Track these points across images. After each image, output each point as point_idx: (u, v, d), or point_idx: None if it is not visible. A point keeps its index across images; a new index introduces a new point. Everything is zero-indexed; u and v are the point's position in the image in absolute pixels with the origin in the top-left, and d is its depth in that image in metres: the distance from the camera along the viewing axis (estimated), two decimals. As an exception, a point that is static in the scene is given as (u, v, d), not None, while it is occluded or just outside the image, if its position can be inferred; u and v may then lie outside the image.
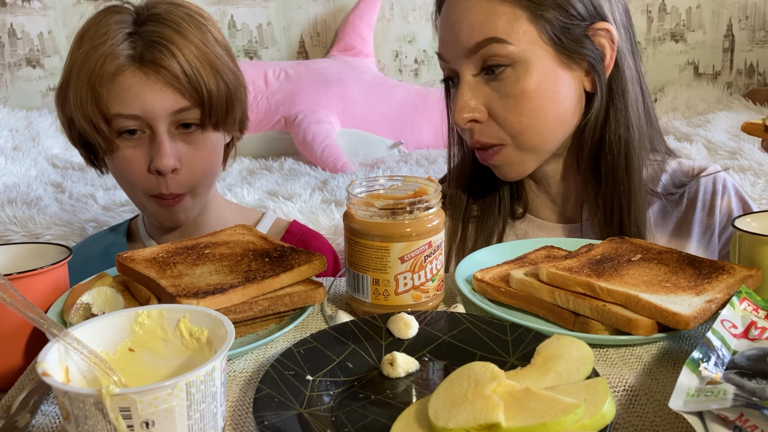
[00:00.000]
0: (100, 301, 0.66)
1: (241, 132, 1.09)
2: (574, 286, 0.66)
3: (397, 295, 0.68)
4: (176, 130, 0.97)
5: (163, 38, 0.94)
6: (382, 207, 0.67)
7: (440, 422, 0.46)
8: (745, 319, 0.61)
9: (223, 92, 0.98)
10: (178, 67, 0.93)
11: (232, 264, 0.71)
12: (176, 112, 0.95)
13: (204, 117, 0.97)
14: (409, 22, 2.92)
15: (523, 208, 1.02)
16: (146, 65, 0.94)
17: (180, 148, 0.97)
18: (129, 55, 0.94)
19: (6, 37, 2.70)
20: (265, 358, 0.63)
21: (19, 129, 2.32)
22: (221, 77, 0.98)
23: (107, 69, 0.93)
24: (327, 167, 2.12)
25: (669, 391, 0.54)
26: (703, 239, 0.98)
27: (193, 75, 0.94)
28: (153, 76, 0.93)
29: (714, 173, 0.99)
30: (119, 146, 0.96)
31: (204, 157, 1.00)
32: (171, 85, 0.94)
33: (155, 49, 0.94)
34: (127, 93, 0.93)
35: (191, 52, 0.95)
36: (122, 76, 0.93)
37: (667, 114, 2.65)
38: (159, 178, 0.97)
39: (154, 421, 0.42)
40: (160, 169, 0.95)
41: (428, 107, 2.45)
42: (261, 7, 2.83)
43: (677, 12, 2.98)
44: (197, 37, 0.97)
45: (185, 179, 0.98)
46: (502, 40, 0.84)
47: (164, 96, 0.94)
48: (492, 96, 0.87)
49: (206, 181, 1.02)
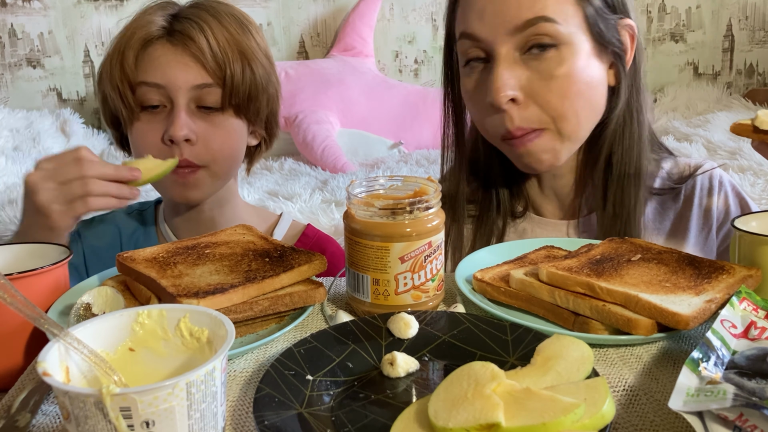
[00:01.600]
0: (101, 301, 0.66)
1: (269, 136, 1.11)
2: (574, 286, 0.66)
3: (397, 295, 0.68)
4: (197, 108, 0.99)
5: (197, 17, 0.99)
6: (382, 207, 0.67)
7: (440, 422, 0.46)
8: (745, 319, 0.61)
9: (248, 79, 1.00)
10: (204, 41, 0.97)
11: (232, 264, 0.71)
12: (197, 86, 0.97)
13: (225, 97, 0.99)
14: (409, 22, 2.92)
15: (523, 206, 1.02)
16: (175, 37, 0.98)
17: (198, 124, 0.99)
18: (161, 26, 0.99)
19: (6, 37, 2.70)
20: (265, 357, 0.63)
21: (19, 129, 2.32)
22: (249, 65, 1.00)
23: (138, 35, 0.98)
24: (327, 167, 2.13)
25: (669, 391, 0.54)
26: (701, 235, 0.98)
27: (219, 53, 0.97)
28: (180, 48, 0.98)
29: (710, 170, 1.00)
30: (140, 117, 0.99)
31: (222, 137, 1.01)
32: (196, 60, 0.97)
33: (186, 23, 0.98)
34: (155, 63, 0.98)
35: (222, 34, 0.99)
36: (152, 46, 0.98)
37: (667, 114, 2.65)
38: (173, 148, 0.98)
39: (155, 420, 0.42)
40: (173, 137, 0.96)
41: (428, 107, 2.45)
42: (261, 7, 2.83)
43: (677, 12, 2.98)
44: (233, 27, 1.01)
45: (201, 152, 0.99)
46: (552, 19, 0.83)
47: (188, 69, 0.97)
48: (532, 77, 0.85)
49: (224, 162, 1.02)
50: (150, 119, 0.99)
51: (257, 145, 1.13)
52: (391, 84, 2.58)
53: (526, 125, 0.86)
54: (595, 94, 0.88)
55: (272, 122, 1.09)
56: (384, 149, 2.40)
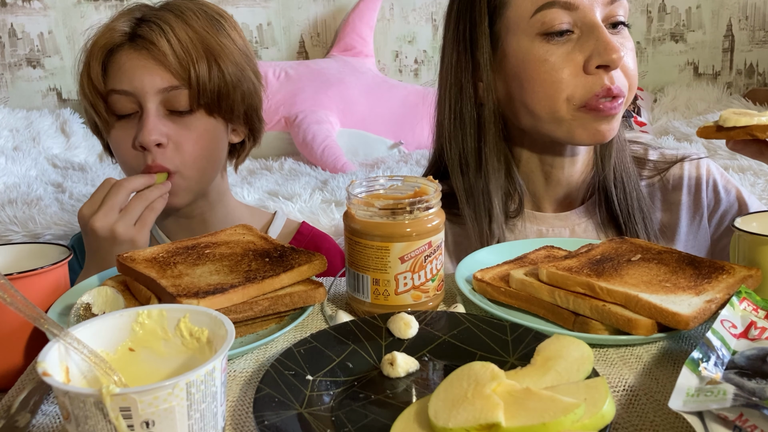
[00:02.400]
0: (100, 301, 0.66)
1: (253, 134, 1.11)
2: (574, 286, 0.66)
3: (397, 295, 0.68)
4: (168, 111, 0.99)
5: (159, 19, 0.99)
6: (382, 207, 0.67)
7: (440, 422, 0.46)
8: (745, 319, 0.61)
9: (216, 77, 0.99)
10: (166, 44, 0.97)
11: (232, 264, 0.71)
12: (164, 90, 0.97)
13: (192, 98, 0.99)
14: (409, 22, 2.92)
15: (517, 203, 1.00)
16: (137, 42, 0.98)
17: (168, 127, 0.99)
18: (124, 32, 0.99)
19: (6, 37, 2.70)
20: (265, 358, 0.63)
21: (19, 129, 2.31)
22: (216, 63, 0.99)
23: (99, 44, 0.98)
24: (327, 167, 2.12)
25: (669, 391, 0.54)
26: (693, 224, 0.99)
27: (182, 54, 0.97)
28: (145, 53, 0.97)
29: (697, 159, 1.01)
30: (114, 125, 1.00)
31: (194, 139, 1.00)
32: (160, 63, 0.97)
33: (148, 27, 0.98)
34: (120, 70, 0.98)
35: (186, 34, 0.98)
36: (117, 53, 0.98)
37: (667, 114, 2.64)
38: (145, 153, 0.98)
39: (155, 420, 0.42)
40: (143, 142, 0.97)
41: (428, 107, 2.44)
42: (261, 7, 2.83)
43: (677, 12, 2.98)
44: (200, 25, 1.00)
45: (172, 155, 0.99)
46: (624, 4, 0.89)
47: (153, 73, 0.97)
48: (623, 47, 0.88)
49: (197, 165, 1.02)
50: (124, 126, 1.00)
51: (242, 142, 1.12)
52: (391, 84, 2.58)
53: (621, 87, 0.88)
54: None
55: (253, 118, 1.08)
56: (384, 149, 2.39)
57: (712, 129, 0.76)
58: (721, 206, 0.99)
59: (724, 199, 0.99)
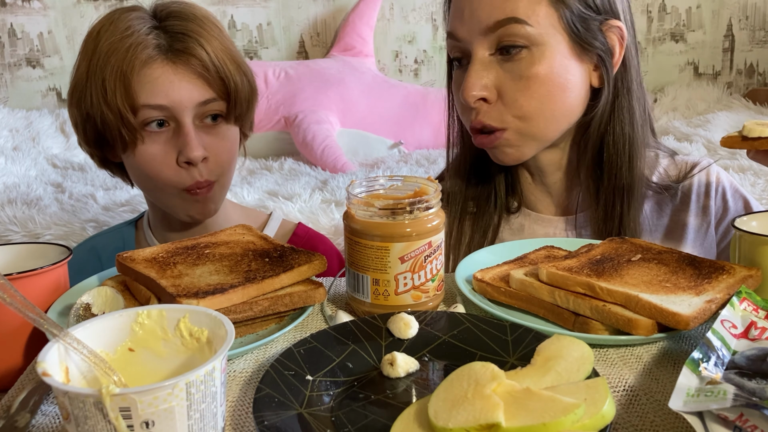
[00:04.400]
0: (100, 301, 0.66)
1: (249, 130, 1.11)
2: (574, 286, 0.66)
3: (397, 295, 0.68)
4: (200, 122, 0.98)
5: (189, 30, 0.96)
6: (382, 207, 0.67)
7: (440, 422, 0.46)
8: (745, 319, 0.61)
9: (247, 87, 1.00)
10: (206, 56, 0.95)
11: (232, 264, 0.71)
12: (202, 103, 0.96)
13: (229, 110, 0.99)
14: (409, 22, 2.92)
15: (518, 201, 1.02)
16: (175, 55, 0.95)
17: (205, 139, 0.98)
18: (157, 45, 0.95)
19: (6, 37, 2.70)
20: (265, 358, 0.63)
21: (19, 129, 2.32)
22: (244, 73, 0.99)
23: (139, 57, 0.93)
24: (327, 167, 2.12)
25: (669, 391, 0.54)
26: (699, 233, 0.98)
27: (220, 66, 0.96)
28: (182, 66, 0.95)
29: (707, 167, 1.00)
30: (144, 140, 0.96)
31: (228, 148, 1.01)
32: (199, 76, 0.95)
33: (183, 40, 0.95)
34: (155, 83, 0.94)
35: (216, 44, 0.97)
36: (150, 67, 0.94)
37: (667, 114, 2.64)
38: (190, 169, 0.97)
39: (154, 421, 0.42)
40: (192, 159, 0.95)
41: (428, 107, 2.45)
42: (261, 7, 2.83)
43: (677, 12, 2.98)
44: (216, 33, 0.99)
45: (213, 167, 0.99)
46: (522, 21, 0.84)
47: (191, 86, 0.95)
48: (504, 77, 0.87)
49: (230, 172, 1.03)
50: (156, 139, 0.96)
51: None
52: (391, 84, 2.58)
53: (488, 122, 0.89)
54: (570, 95, 0.89)
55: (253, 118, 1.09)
56: (384, 149, 2.39)
57: (736, 139, 0.77)
58: (729, 215, 0.98)
59: (732, 208, 0.98)
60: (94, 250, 1.15)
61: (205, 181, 0.98)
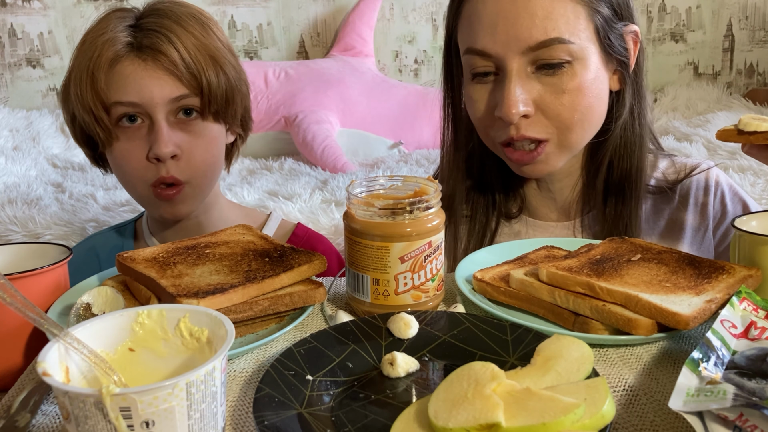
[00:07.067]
0: (100, 301, 0.66)
1: (245, 131, 1.10)
2: (574, 286, 0.66)
3: (397, 295, 0.68)
4: (175, 118, 0.97)
5: (162, 27, 0.96)
6: (382, 207, 0.67)
7: (440, 422, 0.46)
8: (745, 319, 0.61)
9: (223, 83, 0.98)
10: (176, 53, 0.94)
11: (232, 264, 0.71)
12: (174, 99, 0.96)
13: (203, 106, 0.98)
14: (409, 22, 2.92)
15: (518, 207, 1.02)
16: (144, 52, 0.95)
17: (179, 137, 0.97)
18: (128, 43, 0.95)
19: (6, 37, 2.70)
20: (265, 358, 0.63)
21: (19, 129, 2.32)
22: (221, 69, 0.98)
23: (105, 55, 0.94)
24: (327, 167, 2.12)
25: (669, 391, 0.54)
26: (697, 235, 0.98)
27: (191, 62, 0.95)
28: (151, 63, 0.95)
29: (706, 169, 1.00)
30: (118, 137, 0.97)
31: (203, 147, 1.00)
32: (170, 72, 0.95)
33: (153, 36, 0.95)
34: (126, 80, 0.94)
35: (190, 41, 0.96)
36: (121, 64, 0.95)
37: (667, 114, 2.64)
38: (158, 165, 0.96)
39: (155, 420, 0.42)
40: (159, 155, 0.95)
41: (428, 107, 2.45)
42: (261, 7, 2.82)
43: (677, 12, 2.98)
44: (197, 30, 0.98)
45: (185, 166, 0.98)
46: (566, 41, 0.83)
47: (162, 83, 0.95)
48: (544, 91, 0.85)
49: (206, 173, 1.02)
50: (130, 137, 0.97)
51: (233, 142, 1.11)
52: (391, 84, 2.58)
53: (533, 134, 0.87)
54: (603, 103, 0.89)
55: (246, 118, 1.08)
56: (384, 149, 2.39)
57: (732, 132, 0.77)
58: (727, 219, 0.97)
59: (730, 212, 0.97)
60: (93, 249, 1.15)
61: (171, 177, 0.97)
